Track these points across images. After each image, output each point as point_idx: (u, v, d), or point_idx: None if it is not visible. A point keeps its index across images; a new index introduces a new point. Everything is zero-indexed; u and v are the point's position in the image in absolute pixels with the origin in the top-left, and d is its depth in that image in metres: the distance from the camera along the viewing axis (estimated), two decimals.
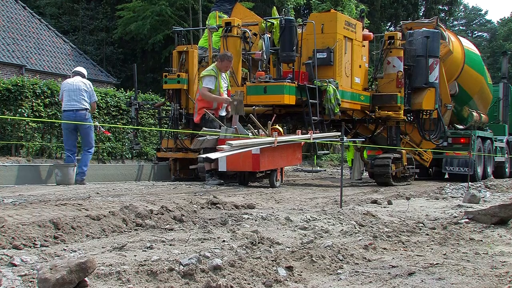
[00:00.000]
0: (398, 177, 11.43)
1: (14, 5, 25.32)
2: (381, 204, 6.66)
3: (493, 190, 9.38)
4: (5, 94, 10.90)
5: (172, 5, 27.31)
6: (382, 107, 11.51)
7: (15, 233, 3.41)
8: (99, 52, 30.69)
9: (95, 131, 10.21)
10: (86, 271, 2.41)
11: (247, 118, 9.66)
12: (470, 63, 14.39)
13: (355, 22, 11.25)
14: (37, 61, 23.61)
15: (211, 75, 9.17)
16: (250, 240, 3.66)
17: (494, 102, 17.21)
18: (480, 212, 4.89)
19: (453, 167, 14.25)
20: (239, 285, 2.63)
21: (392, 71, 11.45)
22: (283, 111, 10.50)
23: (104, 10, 31.81)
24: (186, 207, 4.97)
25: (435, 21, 13.07)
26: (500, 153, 16.71)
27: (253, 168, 8.68)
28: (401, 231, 4.37)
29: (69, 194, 6.65)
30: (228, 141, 7.71)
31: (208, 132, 8.71)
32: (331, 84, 10.00)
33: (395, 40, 11.48)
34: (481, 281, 2.84)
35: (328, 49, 10.32)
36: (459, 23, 66.30)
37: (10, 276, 2.53)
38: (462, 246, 3.85)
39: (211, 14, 11.65)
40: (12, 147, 10.82)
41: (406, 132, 12.55)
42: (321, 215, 4.91)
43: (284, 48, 9.88)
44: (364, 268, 3.13)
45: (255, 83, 9.79)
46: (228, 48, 9.98)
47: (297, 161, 10.12)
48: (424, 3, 40.14)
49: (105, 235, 3.86)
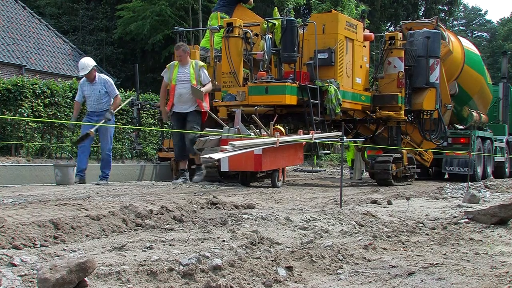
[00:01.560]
0: (399, 177, 11.45)
1: (14, 5, 25.31)
2: (381, 204, 6.66)
3: (493, 190, 9.38)
4: (5, 94, 10.91)
5: (172, 5, 27.31)
6: (383, 107, 11.53)
7: (15, 233, 3.41)
8: (99, 52, 30.67)
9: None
10: (86, 271, 2.41)
11: (249, 118, 9.67)
12: (470, 63, 14.39)
13: (356, 23, 11.26)
14: (37, 61, 23.61)
15: (166, 68, 9.30)
16: (250, 240, 3.66)
17: (494, 102, 17.21)
18: (480, 212, 4.89)
19: (453, 167, 14.26)
20: (239, 285, 2.63)
21: (393, 71, 11.47)
22: (284, 111, 10.51)
23: (104, 10, 31.80)
24: (186, 207, 4.97)
25: (435, 21, 13.08)
26: (500, 153, 16.71)
27: (255, 168, 8.70)
28: (401, 231, 4.37)
29: (69, 194, 6.65)
30: (231, 142, 7.73)
31: (211, 132, 8.73)
32: (332, 85, 10.02)
33: (396, 41, 11.49)
34: (481, 281, 2.84)
35: (329, 50, 10.33)
36: (459, 23, 66.31)
37: (10, 276, 2.53)
38: (462, 246, 3.85)
39: (213, 15, 11.66)
40: (12, 147, 10.83)
41: (407, 132, 12.57)
42: (321, 215, 4.91)
43: (285, 49, 9.89)
44: (364, 268, 3.13)
45: (256, 83, 9.81)
46: (229, 48, 10.00)
47: (299, 161, 10.14)
48: (424, 3, 40.12)
49: (105, 235, 3.85)
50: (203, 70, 9.21)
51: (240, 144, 7.66)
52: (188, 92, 9.00)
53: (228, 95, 10.07)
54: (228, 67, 10.11)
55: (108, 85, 9.12)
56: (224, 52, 10.16)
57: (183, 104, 9.12)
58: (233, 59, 10.06)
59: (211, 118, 9.73)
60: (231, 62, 10.04)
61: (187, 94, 9.04)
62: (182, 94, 9.07)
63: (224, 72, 10.34)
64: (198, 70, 9.15)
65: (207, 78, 9.29)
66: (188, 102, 9.10)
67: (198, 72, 9.13)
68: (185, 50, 9.21)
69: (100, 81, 9.08)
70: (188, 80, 9.02)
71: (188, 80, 9.02)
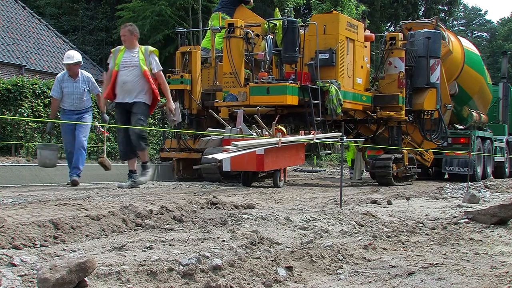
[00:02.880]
0: (399, 177, 11.46)
1: (13, 5, 25.32)
2: (380, 204, 6.66)
3: (492, 190, 9.38)
4: (5, 94, 10.91)
5: (172, 5, 27.30)
6: (383, 108, 11.55)
7: (15, 233, 3.41)
8: (99, 52, 30.68)
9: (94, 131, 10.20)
10: (86, 271, 2.41)
11: (250, 119, 9.69)
12: (470, 63, 14.40)
13: (357, 23, 11.28)
14: (37, 61, 23.61)
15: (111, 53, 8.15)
16: (249, 240, 3.66)
17: (494, 102, 17.22)
18: (480, 212, 4.89)
19: (453, 167, 14.27)
20: (239, 285, 2.63)
21: (394, 71, 11.48)
22: (285, 111, 10.53)
23: (103, 10, 31.81)
24: (185, 207, 4.97)
25: (435, 21, 13.09)
26: (499, 153, 16.72)
27: (257, 168, 8.73)
28: (400, 231, 4.37)
29: (69, 194, 6.65)
30: (234, 142, 7.75)
31: (213, 132, 8.74)
32: (333, 85, 10.04)
33: (396, 41, 11.50)
34: (480, 281, 2.84)
35: (330, 50, 10.35)
36: (458, 23, 66.29)
37: (9, 276, 2.52)
38: (462, 246, 3.85)
39: (214, 15, 11.69)
40: (12, 147, 10.83)
41: (408, 132, 12.58)
42: (321, 215, 4.91)
43: (286, 49, 9.92)
44: (364, 268, 3.13)
45: (258, 83, 9.84)
46: (231, 49, 10.03)
47: (300, 161, 10.17)
48: (424, 3, 40.12)
49: (105, 235, 3.85)
50: (153, 57, 7.96)
51: (243, 144, 7.69)
52: (134, 80, 7.77)
53: (229, 95, 10.09)
54: (230, 67, 10.13)
55: (92, 83, 8.44)
56: (226, 53, 10.18)
57: (128, 94, 7.82)
58: (235, 60, 10.08)
59: (214, 118, 9.75)
60: (233, 62, 10.06)
61: (132, 81, 7.77)
62: (126, 81, 7.79)
63: (226, 73, 10.37)
64: (148, 56, 7.91)
65: (159, 65, 8.01)
66: (134, 91, 7.80)
67: (149, 58, 7.90)
68: (132, 31, 8.01)
69: (83, 79, 8.36)
70: (135, 65, 7.78)
71: (136, 65, 7.78)
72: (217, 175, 9.66)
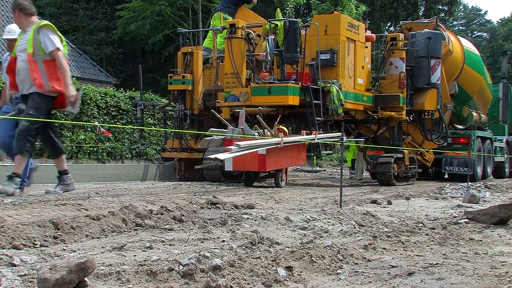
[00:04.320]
0: (400, 177, 11.47)
1: None
2: (380, 204, 6.66)
3: (492, 190, 9.38)
4: None
5: (172, 5, 27.31)
6: (384, 108, 11.56)
7: (15, 233, 3.41)
8: (98, 52, 30.67)
9: (94, 131, 10.20)
10: (86, 271, 2.41)
11: (252, 119, 9.71)
12: (470, 63, 14.40)
13: (358, 24, 11.29)
14: None
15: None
16: (249, 240, 3.66)
17: (493, 102, 17.22)
18: (479, 212, 4.89)
19: (453, 167, 14.27)
20: (239, 285, 2.63)
21: (395, 72, 11.50)
22: (286, 111, 10.55)
23: (103, 10, 31.80)
24: (185, 207, 4.97)
25: (435, 21, 13.09)
26: (499, 153, 16.72)
27: (259, 168, 8.75)
28: (400, 231, 4.37)
29: (68, 194, 6.65)
30: (236, 142, 7.78)
31: (216, 132, 8.76)
32: (334, 85, 10.06)
33: (397, 41, 11.50)
34: (480, 281, 2.84)
35: (332, 50, 10.37)
36: (458, 23, 66.27)
37: (9, 276, 2.52)
38: (461, 246, 3.85)
39: (216, 15, 11.71)
40: None
41: (408, 132, 12.59)
42: (321, 215, 4.91)
43: (288, 50, 9.94)
44: (364, 268, 3.13)
45: (259, 84, 9.86)
46: (232, 49, 10.04)
47: (302, 161, 10.18)
48: (423, 3, 40.11)
49: (105, 235, 3.85)
50: (44, 33, 6.25)
51: (245, 144, 7.72)
52: (26, 67, 6.23)
53: (231, 95, 10.10)
54: (231, 67, 10.15)
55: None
56: (227, 53, 10.20)
57: (24, 84, 6.35)
58: (236, 60, 10.10)
59: (215, 118, 9.75)
60: (234, 63, 10.08)
61: (24, 68, 6.27)
62: (20, 69, 6.32)
63: (227, 73, 10.38)
64: (37, 34, 6.20)
65: (53, 43, 6.25)
66: (28, 81, 6.27)
67: (37, 36, 6.20)
68: (20, 7, 6.42)
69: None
70: (24, 49, 6.26)
71: (25, 48, 6.25)
72: (218, 171, 9.66)
